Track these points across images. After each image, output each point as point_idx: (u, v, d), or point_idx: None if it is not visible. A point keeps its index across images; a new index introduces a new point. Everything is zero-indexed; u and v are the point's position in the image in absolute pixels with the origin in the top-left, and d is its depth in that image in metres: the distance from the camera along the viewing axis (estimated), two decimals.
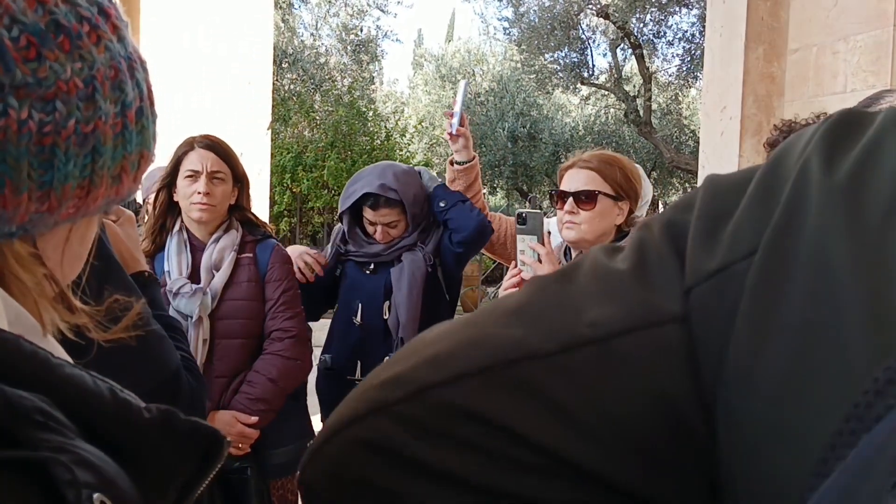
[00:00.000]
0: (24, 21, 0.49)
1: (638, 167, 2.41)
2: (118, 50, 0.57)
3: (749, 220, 0.48)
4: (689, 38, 14.66)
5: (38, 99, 0.50)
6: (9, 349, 0.43)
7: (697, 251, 0.50)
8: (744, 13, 5.10)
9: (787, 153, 0.50)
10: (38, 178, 0.51)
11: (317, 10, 16.50)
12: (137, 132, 0.59)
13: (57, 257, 0.60)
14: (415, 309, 2.68)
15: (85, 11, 0.54)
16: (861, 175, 0.44)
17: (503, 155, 17.44)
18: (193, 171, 2.36)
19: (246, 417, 2.38)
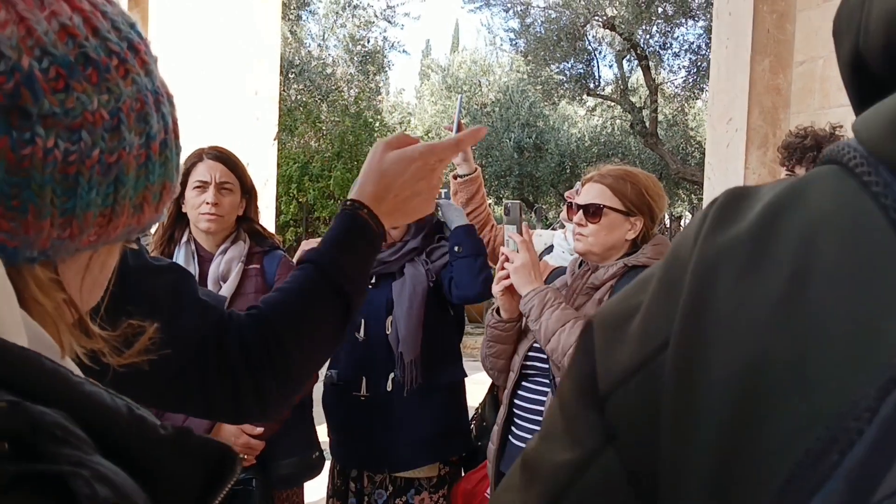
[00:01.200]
0: (55, 53, 0.51)
1: (657, 182, 2.42)
2: (145, 84, 0.58)
3: (657, 314, 0.51)
4: (696, 50, 14.68)
5: (64, 128, 0.51)
6: (31, 365, 0.44)
7: (605, 356, 0.54)
8: (750, 25, 5.10)
9: (680, 245, 0.52)
10: (60, 205, 0.53)
11: (324, 21, 16.58)
12: (161, 164, 0.61)
13: (77, 284, 0.61)
14: (415, 324, 2.68)
15: (115, 46, 0.55)
16: (762, 244, 0.46)
17: (509, 165, 17.46)
18: (202, 182, 2.37)
19: (251, 428, 2.38)
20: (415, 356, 2.67)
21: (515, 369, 2.37)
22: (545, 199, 19.52)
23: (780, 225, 0.47)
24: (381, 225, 1.13)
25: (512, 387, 2.38)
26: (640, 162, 16.96)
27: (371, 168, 1.15)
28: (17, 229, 0.51)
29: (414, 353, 2.67)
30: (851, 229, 0.44)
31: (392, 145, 1.16)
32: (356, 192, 1.14)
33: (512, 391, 2.38)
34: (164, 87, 0.62)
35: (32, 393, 0.42)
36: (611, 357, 0.54)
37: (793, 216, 0.47)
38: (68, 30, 0.52)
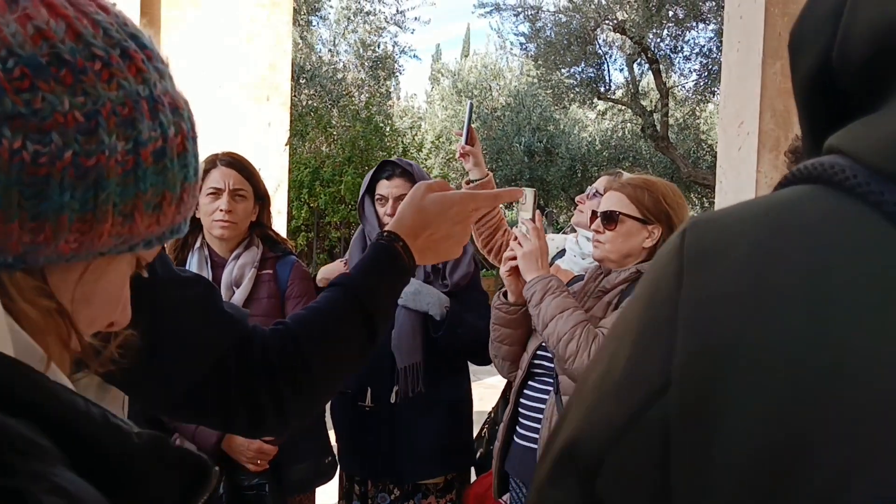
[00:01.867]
0: (21, 53, 0.51)
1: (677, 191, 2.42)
2: (136, 89, 0.57)
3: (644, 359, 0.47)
4: (707, 53, 14.64)
5: (33, 130, 0.51)
6: (7, 370, 0.44)
7: (583, 421, 0.50)
8: (761, 28, 5.09)
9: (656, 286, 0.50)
10: (30, 207, 0.52)
11: (335, 27, 16.63)
12: (156, 172, 0.59)
13: (68, 294, 0.60)
14: (409, 330, 2.68)
15: (99, 51, 0.55)
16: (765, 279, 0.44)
17: (520, 169, 17.45)
18: (216, 189, 2.38)
19: None
20: (411, 363, 2.67)
21: (523, 367, 2.39)
22: (556, 203, 19.50)
23: (783, 256, 0.44)
24: (413, 259, 1.15)
25: (519, 385, 2.40)
26: (651, 166, 16.93)
27: (411, 204, 1.18)
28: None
29: (410, 359, 2.67)
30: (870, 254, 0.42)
31: (433, 188, 1.20)
32: (394, 224, 1.17)
33: (519, 389, 2.41)
34: (167, 96, 0.61)
35: (7, 397, 0.42)
36: (590, 420, 0.50)
37: (794, 245, 0.45)
38: (43, 33, 0.52)
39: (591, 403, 0.50)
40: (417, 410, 2.68)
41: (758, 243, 0.46)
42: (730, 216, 0.49)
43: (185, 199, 0.64)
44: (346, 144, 14.18)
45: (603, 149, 18.06)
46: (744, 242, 0.46)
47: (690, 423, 0.43)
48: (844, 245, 0.43)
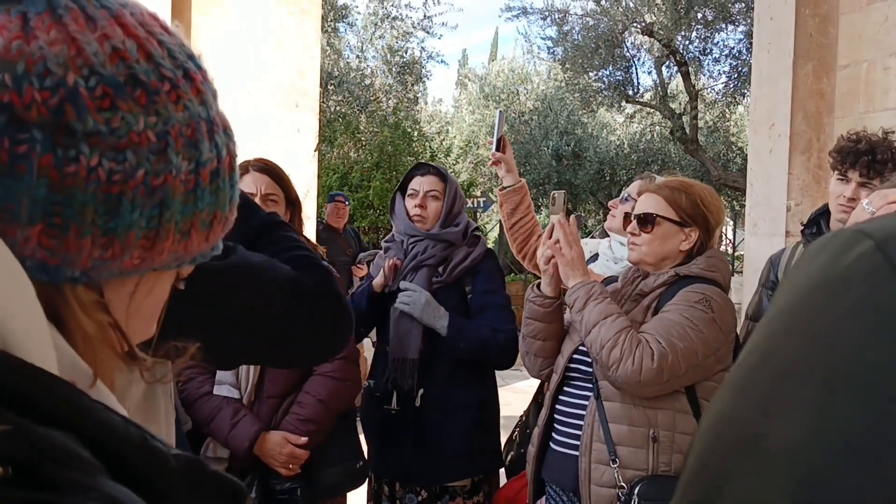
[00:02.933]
0: (102, 72, 0.52)
1: (714, 193, 2.40)
2: (198, 111, 0.59)
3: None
4: (736, 55, 14.52)
5: (109, 148, 0.52)
6: (43, 387, 0.44)
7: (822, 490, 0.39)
8: (792, 29, 5.04)
9: (867, 317, 0.41)
10: (102, 224, 0.53)
11: (362, 33, 16.69)
12: (211, 192, 0.61)
13: (123, 308, 0.61)
14: (405, 329, 2.72)
15: (167, 72, 0.56)
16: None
17: (548, 173, 17.40)
18: (248, 194, 2.40)
19: (296, 438, 2.40)
20: (402, 357, 2.70)
21: (559, 371, 2.35)
22: (584, 207, 19.42)
23: None
24: None
25: (554, 389, 2.36)
26: (680, 168, 16.80)
27: None
28: (58, 247, 0.52)
29: (401, 353, 2.71)
30: None
31: None
32: None
33: (554, 394, 2.37)
34: (220, 118, 0.63)
35: (45, 415, 0.42)
36: (822, 487, 0.39)
37: None
38: (119, 52, 0.53)
39: (810, 471, 0.39)
40: (443, 413, 2.70)
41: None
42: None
43: (230, 218, 0.66)
44: (374, 150, 14.23)
45: (631, 152, 17.96)
46: None
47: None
48: None
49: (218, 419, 2.38)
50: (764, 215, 5.29)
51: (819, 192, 4.89)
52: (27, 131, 0.49)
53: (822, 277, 0.44)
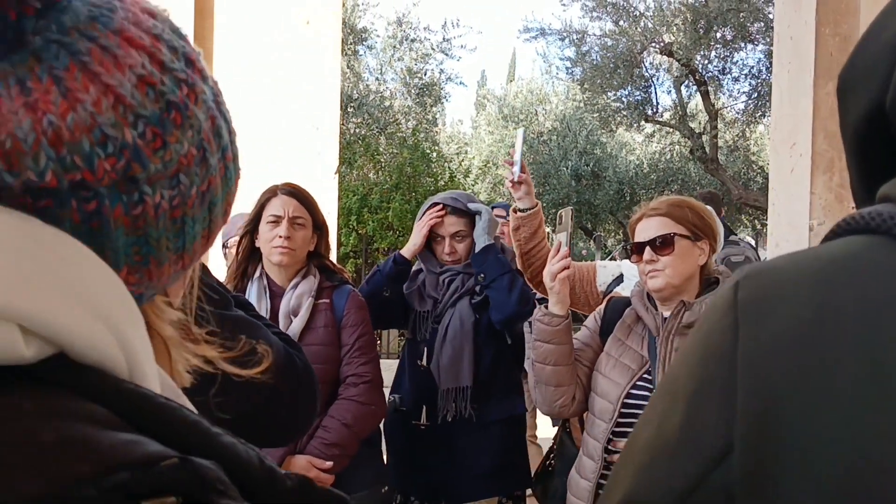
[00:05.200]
0: (145, 114, 0.52)
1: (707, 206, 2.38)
2: (209, 95, 0.59)
3: (704, 421, 0.45)
4: (756, 74, 14.50)
5: (164, 178, 0.53)
6: (177, 419, 0.46)
7: (638, 486, 0.47)
8: (812, 48, 5.03)
9: (710, 341, 0.47)
10: (174, 247, 0.55)
11: (381, 55, 16.82)
12: (234, 166, 0.62)
13: (178, 292, 0.64)
14: (454, 355, 2.71)
15: (180, 74, 0.56)
16: (824, 335, 0.42)
17: (567, 193, 17.40)
18: (276, 217, 2.43)
19: (321, 462, 2.40)
20: (454, 387, 2.69)
21: (607, 416, 2.18)
22: (604, 227, 19.39)
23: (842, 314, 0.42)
24: None
25: (607, 439, 2.17)
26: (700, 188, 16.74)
27: None
28: (141, 280, 0.53)
29: (454, 383, 2.69)
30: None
31: None
32: None
33: (606, 445, 2.18)
34: (213, 82, 0.62)
35: (179, 445, 0.44)
36: (643, 482, 0.47)
37: (853, 301, 0.43)
38: (144, 79, 0.53)
39: (644, 465, 0.48)
40: (472, 429, 2.69)
41: (815, 299, 0.44)
42: (785, 269, 0.47)
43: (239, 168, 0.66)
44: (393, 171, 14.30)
45: (651, 171, 17.94)
46: (799, 297, 0.45)
47: (755, 487, 0.42)
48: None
49: None
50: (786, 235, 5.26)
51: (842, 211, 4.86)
52: (91, 189, 0.49)
53: (708, 305, 0.53)
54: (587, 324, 2.44)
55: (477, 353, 2.73)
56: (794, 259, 0.48)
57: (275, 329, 1.31)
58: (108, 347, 0.47)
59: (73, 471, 0.39)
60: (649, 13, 14.21)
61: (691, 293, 2.22)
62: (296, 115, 4.96)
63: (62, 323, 0.45)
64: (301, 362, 1.24)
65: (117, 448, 0.41)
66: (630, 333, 2.26)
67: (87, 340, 0.46)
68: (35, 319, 0.44)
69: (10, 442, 0.40)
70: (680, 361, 0.50)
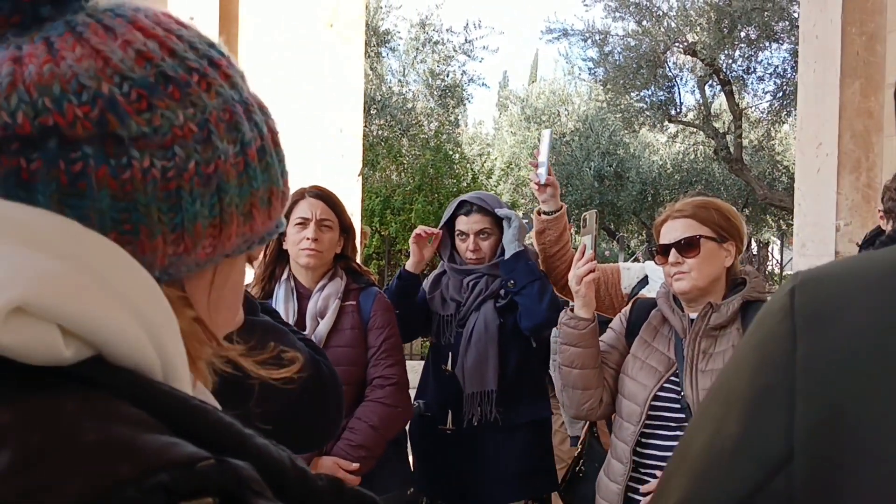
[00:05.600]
0: (133, 76, 0.54)
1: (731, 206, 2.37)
2: (231, 95, 0.61)
3: (762, 429, 0.45)
4: (781, 74, 14.39)
5: (157, 147, 0.54)
6: (211, 420, 0.47)
7: (700, 491, 0.47)
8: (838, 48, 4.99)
9: (765, 348, 0.47)
10: (169, 221, 0.55)
11: (404, 58, 16.85)
12: (262, 169, 0.63)
13: (204, 300, 0.63)
14: (478, 359, 2.70)
15: (193, 63, 0.58)
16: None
17: (590, 195, 17.34)
18: (303, 219, 2.45)
19: (347, 464, 2.41)
20: (479, 391, 2.69)
21: (638, 419, 2.17)
22: (627, 228, 19.29)
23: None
24: None
25: (636, 441, 2.17)
26: (724, 188, 16.64)
27: None
28: (134, 251, 0.54)
29: (479, 387, 2.69)
30: None
31: None
32: None
33: (634, 446, 2.17)
34: (254, 98, 0.64)
35: (217, 447, 0.45)
36: (701, 488, 0.47)
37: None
38: (144, 55, 0.55)
39: (699, 471, 0.48)
40: (498, 433, 2.69)
41: (879, 306, 0.44)
42: (845, 275, 0.47)
43: (286, 192, 0.67)
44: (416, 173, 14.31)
45: (675, 172, 17.83)
46: (863, 305, 0.44)
47: (817, 494, 0.42)
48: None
49: None
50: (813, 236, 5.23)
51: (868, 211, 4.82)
52: (78, 149, 0.51)
53: (761, 311, 0.51)
54: (613, 326, 2.42)
55: (502, 357, 2.72)
56: (852, 265, 0.48)
57: (300, 335, 1.32)
58: (144, 350, 0.49)
59: (114, 472, 0.40)
60: (672, 13, 14.15)
61: (718, 295, 2.21)
62: (320, 118, 4.99)
63: (101, 325, 0.46)
64: (327, 369, 1.25)
65: (157, 449, 0.42)
66: (656, 335, 2.25)
67: (125, 343, 0.47)
68: (75, 321, 0.45)
69: (53, 442, 0.41)
70: (733, 368, 0.50)
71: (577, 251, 2.40)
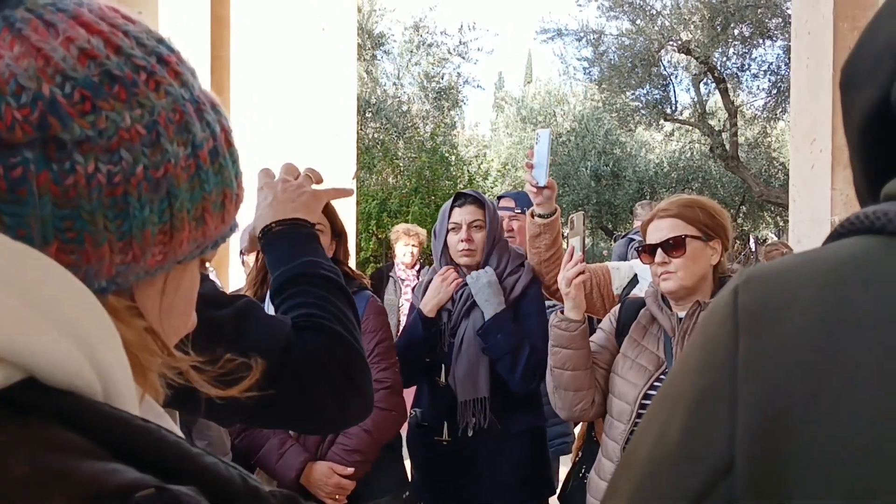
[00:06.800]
0: (75, 76, 0.51)
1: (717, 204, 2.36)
2: (181, 94, 0.58)
3: (703, 433, 0.43)
4: (775, 70, 14.42)
5: (102, 151, 0.51)
6: (154, 441, 0.45)
7: (644, 498, 0.46)
8: (830, 44, 5.00)
9: (707, 349, 0.46)
10: (115, 228, 0.53)
11: (399, 60, 16.85)
12: (215, 172, 0.60)
13: (155, 309, 0.61)
14: (467, 367, 2.68)
15: (140, 61, 0.55)
16: (836, 342, 0.40)
17: (586, 194, 17.36)
18: None
19: (342, 468, 2.40)
20: (473, 398, 2.66)
21: (629, 419, 2.17)
22: (624, 227, 19.31)
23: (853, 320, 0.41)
24: None
25: (627, 436, 2.16)
26: (721, 186, 16.67)
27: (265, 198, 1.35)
28: (78, 261, 0.51)
29: (472, 394, 2.67)
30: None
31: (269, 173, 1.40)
32: (263, 219, 1.32)
33: (626, 441, 2.15)
34: (206, 95, 0.61)
35: (158, 468, 0.43)
36: (645, 495, 0.46)
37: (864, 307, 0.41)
38: (87, 52, 0.52)
39: (645, 477, 0.47)
40: (495, 443, 2.67)
41: (822, 303, 0.42)
42: (789, 272, 0.46)
43: (241, 194, 0.65)
44: (412, 175, 14.32)
45: (671, 170, 17.86)
46: (807, 303, 0.43)
47: (762, 500, 0.40)
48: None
49: (265, 449, 2.40)
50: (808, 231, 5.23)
51: None
52: (18, 154, 0.48)
53: (706, 310, 0.51)
54: (602, 326, 2.42)
55: (493, 364, 2.70)
56: (798, 261, 0.46)
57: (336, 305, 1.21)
58: (81, 369, 0.45)
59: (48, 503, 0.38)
60: (666, 11, 14.16)
61: (705, 293, 2.22)
62: (314, 122, 4.99)
63: (28, 345, 0.43)
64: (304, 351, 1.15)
65: (92, 478, 0.40)
66: (646, 334, 2.25)
67: (58, 363, 0.44)
68: (0, 343, 0.42)
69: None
70: (679, 370, 0.49)
71: (566, 253, 2.38)
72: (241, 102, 4.57)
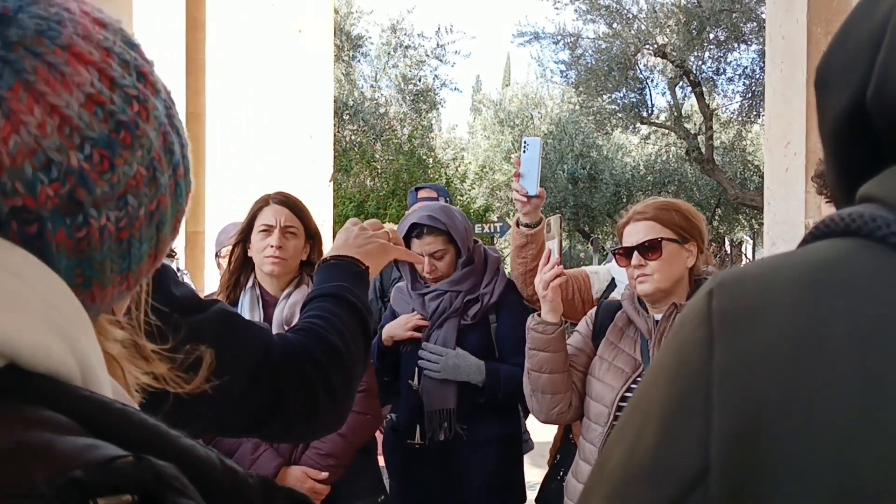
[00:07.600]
0: (92, 136, 0.50)
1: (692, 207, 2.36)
2: (161, 111, 0.57)
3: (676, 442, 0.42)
4: (750, 74, 14.54)
5: (111, 200, 0.52)
6: (134, 422, 0.45)
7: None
8: (804, 48, 5.03)
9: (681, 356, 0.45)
10: (118, 268, 0.54)
11: (376, 63, 16.85)
12: (185, 181, 0.60)
13: (120, 307, 0.62)
14: (437, 381, 2.67)
15: (132, 90, 0.54)
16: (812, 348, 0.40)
17: (564, 197, 17.42)
18: (267, 226, 2.41)
19: (316, 473, 2.38)
20: (439, 409, 2.66)
21: (606, 420, 2.17)
22: (601, 229, 19.40)
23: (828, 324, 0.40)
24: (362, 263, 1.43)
25: (604, 438, 2.16)
26: (697, 189, 16.78)
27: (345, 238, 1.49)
28: (84, 302, 0.52)
29: (439, 405, 2.67)
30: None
31: None
32: (334, 251, 1.47)
33: (603, 444, 2.15)
34: (165, 90, 0.59)
35: (139, 448, 0.43)
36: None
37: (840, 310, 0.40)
38: (93, 98, 0.51)
39: (617, 487, 0.45)
40: (465, 449, 2.66)
41: (799, 308, 0.41)
42: (764, 276, 0.45)
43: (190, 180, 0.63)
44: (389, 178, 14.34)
45: (647, 173, 17.96)
46: (782, 307, 0.42)
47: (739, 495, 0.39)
48: None
49: (238, 454, 2.38)
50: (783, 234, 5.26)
51: None
52: (32, 212, 0.48)
53: (680, 315, 0.48)
54: (579, 328, 2.42)
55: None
56: (773, 265, 0.45)
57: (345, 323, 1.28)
58: (59, 355, 0.46)
59: (28, 474, 0.39)
60: (642, 15, 14.25)
61: (681, 295, 2.22)
62: (290, 124, 4.97)
63: (9, 332, 0.44)
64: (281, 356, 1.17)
65: (74, 451, 0.41)
66: (622, 337, 2.26)
67: (38, 349, 0.45)
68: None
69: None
70: (652, 376, 0.48)
71: (542, 257, 2.37)
72: (218, 106, 4.53)
